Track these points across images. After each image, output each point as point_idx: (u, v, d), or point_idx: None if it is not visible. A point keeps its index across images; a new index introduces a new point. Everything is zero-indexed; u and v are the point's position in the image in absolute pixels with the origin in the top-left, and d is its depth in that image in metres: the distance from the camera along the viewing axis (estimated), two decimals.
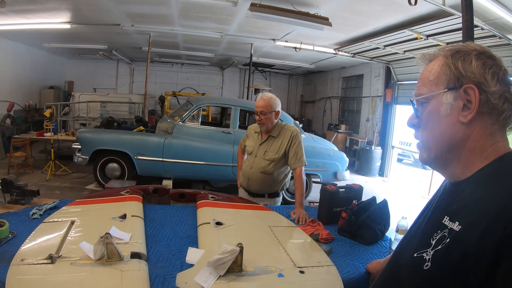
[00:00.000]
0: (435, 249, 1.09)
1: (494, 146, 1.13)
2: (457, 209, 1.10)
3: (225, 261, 1.87)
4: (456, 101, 1.14)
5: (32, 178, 8.51)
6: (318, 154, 8.42)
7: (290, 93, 21.93)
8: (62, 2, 8.19)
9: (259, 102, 3.74)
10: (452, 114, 1.15)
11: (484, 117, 1.12)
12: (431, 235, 1.14)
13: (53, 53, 15.96)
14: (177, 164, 7.60)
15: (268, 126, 3.78)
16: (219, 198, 3.31)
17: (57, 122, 10.79)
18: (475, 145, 1.13)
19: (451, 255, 1.02)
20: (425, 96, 1.22)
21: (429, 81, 1.22)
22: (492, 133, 1.13)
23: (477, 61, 1.11)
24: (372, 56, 12.32)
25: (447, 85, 1.16)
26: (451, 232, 1.06)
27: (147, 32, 11.05)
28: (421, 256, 1.13)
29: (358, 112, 15.52)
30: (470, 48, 1.16)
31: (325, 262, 2.26)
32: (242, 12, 8.16)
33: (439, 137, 1.19)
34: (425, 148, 1.26)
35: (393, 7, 7.07)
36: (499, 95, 1.09)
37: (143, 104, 13.55)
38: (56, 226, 2.36)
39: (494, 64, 1.12)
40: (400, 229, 2.63)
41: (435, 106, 1.19)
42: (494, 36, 7.27)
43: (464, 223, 1.02)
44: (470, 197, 1.08)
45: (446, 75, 1.16)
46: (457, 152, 1.17)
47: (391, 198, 9.62)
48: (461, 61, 1.14)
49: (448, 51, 1.19)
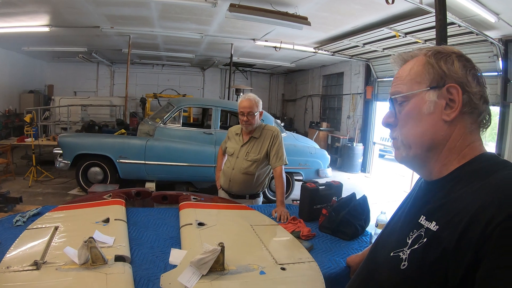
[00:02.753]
0: (412, 248, 1.10)
1: (471, 145, 1.15)
2: (434, 208, 1.11)
3: (207, 261, 1.89)
4: (439, 100, 1.15)
5: (14, 185, 8.41)
6: (300, 152, 8.47)
7: (271, 92, 21.99)
8: (41, 5, 8.11)
9: (244, 103, 3.74)
10: (435, 112, 1.16)
11: (465, 117, 1.14)
12: (407, 234, 1.15)
13: (32, 57, 15.73)
14: (160, 166, 7.58)
15: (254, 126, 3.81)
16: (201, 199, 3.33)
17: (37, 127, 10.69)
18: (455, 144, 1.15)
19: (428, 255, 1.03)
20: (406, 94, 1.22)
21: (410, 79, 1.22)
22: (471, 132, 1.16)
23: (459, 62, 1.15)
24: (352, 54, 12.45)
25: (430, 83, 1.17)
26: (428, 231, 1.07)
27: (127, 34, 11.00)
28: (398, 256, 1.14)
29: (339, 110, 15.68)
30: (449, 50, 1.19)
31: (306, 258, 2.30)
32: (221, 13, 8.18)
33: (421, 135, 1.19)
34: (405, 146, 1.25)
35: (372, 6, 7.17)
36: (480, 96, 1.13)
37: (124, 107, 13.46)
38: (40, 232, 2.36)
39: (473, 67, 1.16)
40: (379, 224, 2.69)
41: (416, 104, 1.20)
42: (472, 32, 7.45)
43: (442, 223, 1.04)
44: (447, 196, 1.09)
45: (429, 74, 1.18)
46: (437, 151, 1.18)
47: (374, 193, 9.80)
48: (443, 60, 1.16)
49: (429, 51, 1.21)
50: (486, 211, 0.91)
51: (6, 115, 13.75)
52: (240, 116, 3.79)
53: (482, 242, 0.88)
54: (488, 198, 0.94)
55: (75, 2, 7.58)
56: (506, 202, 0.89)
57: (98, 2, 7.85)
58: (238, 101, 3.92)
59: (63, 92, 16.70)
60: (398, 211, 1.40)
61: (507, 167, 1.05)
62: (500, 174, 1.02)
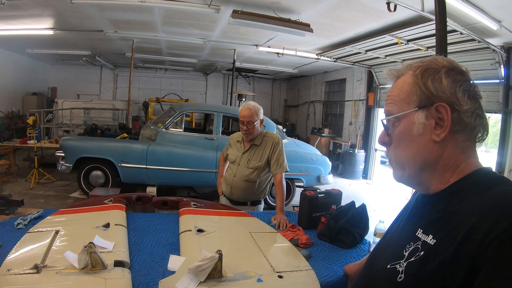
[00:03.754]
0: (408, 260, 1.11)
1: (467, 161, 1.15)
2: (431, 222, 1.12)
3: (205, 268, 1.91)
4: (428, 120, 1.14)
5: (16, 187, 8.43)
6: (301, 158, 8.48)
7: (274, 98, 22.01)
8: (45, 8, 8.16)
9: (244, 112, 3.74)
10: (425, 133, 1.16)
11: (457, 135, 1.13)
12: (404, 246, 1.16)
13: (36, 59, 15.77)
14: (161, 171, 7.60)
15: (254, 135, 3.82)
16: (201, 205, 3.34)
17: (40, 129, 10.73)
18: (449, 162, 1.15)
19: (425, 268, 1.03)
20: (396, 116, 1.22)
21: (400, 99, 1.22)
22: (464, 149, 1.15)
23: (447, 78, 1.13)
24: (354, 61, 12.48)
25: (418, 104, 1.16)
26: (425, 245, 1.08)
27: (131, 38, 11.07)
28: (394, 268, 1.14)
29: (341, 116, 15.67)
30: (439, 64, 1.17)
31: (303, 266, 2.31)
32: (224, 19, 8.22)
33: (413, 156, 1.19)
34: (399, 167, 1.25)
35: (373, 13, 7.19)
36: (471, 113, 1.11)
37: (127, 111, 13.48)
38: (41, 236, 2.38)
39: (465, 80, 1.13)
40: (378, 232, 2.71)
41: (407, 125, 1.19)
42: (473, 40, 7.46)
43: (439, 236, 1.05)
44: (444, 210, 1.10)
45: (417, 95, 1.17)
46: (431, 170, 1.17)
47: (375, 200, 9.78)
48: (431, 79, 1.14)
49: (417, 69, 1.20)
50: (483, 224, 0.92)
51: (9, 116, 13.78)
52: (241, 125, 3.82)
53: (479, 255, 0.89)
54: (485, 212, 0.95)
55: (79, 6, 7.61)
56: (502, 215, 0.91)
57: (102, 6, 7.89)
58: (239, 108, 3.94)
59: (66, 95, 16.79)
60: (395, 223, 1.42)
61: (504, 183, 1.06)
62: (496, 189, 1.03)
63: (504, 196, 0.99)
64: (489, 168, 1.16)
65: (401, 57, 10.66)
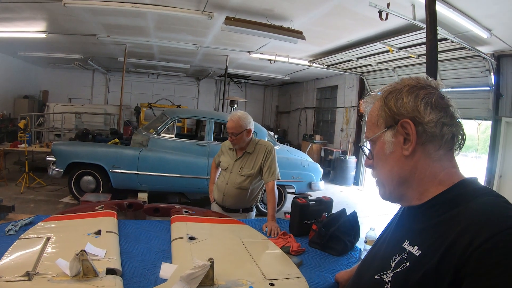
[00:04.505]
0: (395, 271, 1.13)
1: (446, 171, 1.18)
2: (417, 233, 1.15)
3: (196, 276, 1.90)
4: (396, 138, 1.21)
5: (6, 191, 8.35)
6: (293, 165, 8.50)
7: (266, 104, 22.08)
8: (38, 11, 8.16)
9: (229, 123, 3.77)
10: (395, 150, 1.22)
11: (426, 146, 1.17)
12: (390, 257, 1.19)
13: (28, 62, 15.71)
14: (152, 177, 7.57)
15: (240, 145, 3.84)
16: (193, 212, 3.33)
17: (31, 133, 10.66)
18: (424, 173, 1.18)
19: (411, 278, 1.05)
20: (371, 138, 1.30)
21: (372, 124, 1.31)
22: (439, 159, 1.18)
23: (408, 96, 1.19)
24: (346, 68, 12.57)
25: (386, 125, 1.24)
26: (410, 256, 1.10)
27: (123, 43, 11.07)
28: (381, 278, 1.17)
29: (332, 123, 15.77)
30: (403, 84, 1.24)
31: (295, 274, 2.32)
32: (217, 25, 8.27)
33: (389, 173, 1.26)
34: (381, 185, 1.32)
35: (365, 21, 7.27)
36: (435, 123, 1.15)
37: (119, 115, 13.45)
38: (32, 242, 2.36)
39: (427, 93, 1.18)
40: (368, 240, 2.72)
41: (380, 146, 1.27)
42: (464, 48, 7.57)
43: (424, 247, 1.07)
44: (428, 221, 1.13)
45: (382, 117, 1.25)
46: (409, 184, 1.22)
47: (366, 206, 9.82)
48: (393, 100, 1.21)
49: (384, 92, 1.27)
50: (465, 235, 0.94)
51: (0, 119, 13.70)
52: (228, 136, 3.85)
53: (462, 265, 0.91)
54: (467, 223, 0.98)
55: (72, 10, 7.59)
56: (485, 226, 0.93)
57: (95, 11, 7.89)
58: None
59: (57, 99, 16.63)
60: (383, 234, 1.46)
61: (486, 193, 1.08)
62: (479, 200, 1.05)
63: (486, 207, 1.02)
64: (474, 179, 1.18)
65: (392, 64, 10.76)
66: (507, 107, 8.01)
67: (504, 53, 7.89)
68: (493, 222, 0.93)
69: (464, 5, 5.92)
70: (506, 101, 8.01)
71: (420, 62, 9.23)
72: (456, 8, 5.96)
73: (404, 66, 10.58)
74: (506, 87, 8.00)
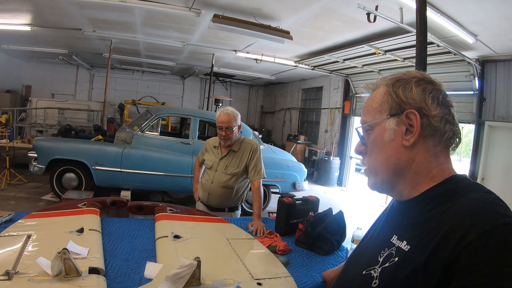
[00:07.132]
0: (383, 266, 1.12)
1: (440, 167, 1.17)
2: (406, 228, 1.14)
3: (183, 275, 1.86)
4: (399, 126, 1.19)
5: None
6: (277, 165, 8.48)
7: (250, 104, 22.09)
8: (23, 3, 8.02)
9: (222, 117, 3.70)
10: (395, 139, 1.19)
11: (427, 140, 1.16)
12: (379, 252, 1.18)
13: (11, 55, 15.40)
14: (136, 174, 7.47)
15: (232, 141, 3.79)
16: (177, 210, 3.29)
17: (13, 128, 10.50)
18: (420, 167, 1.17)
19: (399, 273, 1.04)
20: (370, 124, 1.27)
21: (373, 109, 1.27)
22: (436, 155, 1.17)
23: (417, 87, 1.17)
24: (332, 69, 12.64)
25: (390, 112, 1.21)
26: (399, 251, 1.09)
27: (109, 38, 10.95)
28: (369, 274, 1.16)
29: (317, 124, 15.84)
30: (410, 75, 1.22)
31: (282, 273, 2.30)
32: (204, 23, 8.23)
33: (385, 162, 1.22)
34: (372, 173, 1.29)
35: (353, 23, 7.31)
36: (440, 118, 1.14)
37: (102, 112, 13.30)
38: (12, 240, 2.29)
39: (434, 88, 1.17)
40: (355, 239, 2.72)
41: (379, 132, 1.24)
42: (450, 52, 7.66)
43: (413, 242, 1.06)
44: (418, 216, 1.11)
45: (388, 103, 1.22)
46: (403, 175, 1.20)
47: (350, 207, 9.88)
48: (401, 88, 1.19)
49: (389, 80, 1.25)
50: (455, 232, 0.93)
51: None
52: (218, 131, 3.77)
53: (451, 262, 0.90)
54: (457, 219, 0.97)
55: (58, 2, 7.50)
56: (475, 223, 0.92)
57: (82, 4, 7.75)
58: (216, 114, 3.90)
59: (40, 94, 16.44)
60: (371, 230, 1.44)
61: (477, 189, 1.08)
62: (470, 196, 1.04)
63: (477, 203, 1.00)
64: (464, 175, 1.18)
65: (378, 67, 10.85)
66: (490, 111, 8.17)
67: (488, 59, 8.03)
68: (484, 219, 0.93)
69: (453, 10, 6.01)
70: (490, 105, 8.16)
71: (405, 66, 9.30)
72: (444, 13, 6.05)
73: (390, 69, 10.65)
74: (490, 92, 8.15)
